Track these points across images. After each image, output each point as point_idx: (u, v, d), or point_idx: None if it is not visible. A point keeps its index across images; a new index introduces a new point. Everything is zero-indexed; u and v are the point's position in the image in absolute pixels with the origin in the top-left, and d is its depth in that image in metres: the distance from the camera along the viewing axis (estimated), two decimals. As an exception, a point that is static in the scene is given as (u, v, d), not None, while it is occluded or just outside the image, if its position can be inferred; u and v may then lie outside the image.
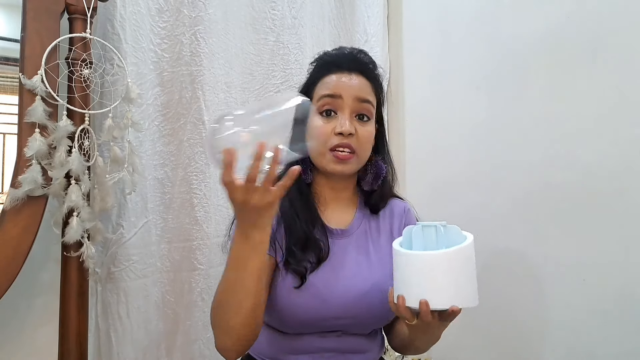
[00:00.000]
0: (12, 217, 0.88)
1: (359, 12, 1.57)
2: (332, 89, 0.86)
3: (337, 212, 0.92)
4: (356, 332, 0.87)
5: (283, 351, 0.86)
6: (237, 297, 0.72)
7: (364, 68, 0.89)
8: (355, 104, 0.86)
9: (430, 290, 0.69)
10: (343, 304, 0.83)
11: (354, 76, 0.87)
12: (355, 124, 0.86)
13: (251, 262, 0.70)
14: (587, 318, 1.04)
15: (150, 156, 1.14)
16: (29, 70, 0.89)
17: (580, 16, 1.08)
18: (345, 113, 0.85)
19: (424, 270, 0.70)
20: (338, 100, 0.85)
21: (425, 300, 0.68)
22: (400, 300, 0.70)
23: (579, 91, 1.07)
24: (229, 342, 0.75)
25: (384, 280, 0.87)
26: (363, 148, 0.87)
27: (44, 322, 1.03)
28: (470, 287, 0.72)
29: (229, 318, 0.73)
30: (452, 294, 0.70)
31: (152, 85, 1.14)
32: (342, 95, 0.85)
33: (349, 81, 0.87)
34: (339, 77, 0.87)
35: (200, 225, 1.19)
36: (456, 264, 0.71)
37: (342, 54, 0.92)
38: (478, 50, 1.33)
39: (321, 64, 0.92)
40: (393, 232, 0.95)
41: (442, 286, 0.70)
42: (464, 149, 1.36)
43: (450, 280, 0.70)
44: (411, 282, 0.71)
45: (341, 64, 0.89)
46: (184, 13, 1.18)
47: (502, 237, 1.22)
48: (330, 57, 0.92)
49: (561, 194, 1.10)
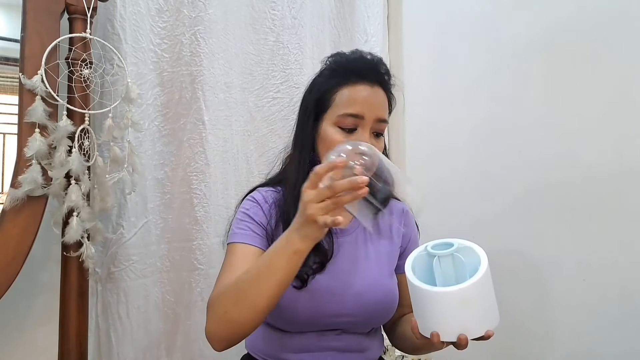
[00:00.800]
0: (12, 217, 0.88)
1: (359, 12, 1.57)
2: (356, 108, 0.83)
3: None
4: (356, 330, 0.87)
5: (283, 350, 0.86)
6: (254, 293, 0.71)
7: (383, 80, 0.88)
8: (374, 124, 0.85)
9: (467, 323, 0.68)
10: (342, 302, 0.83)
11: (376, 89, 0.86)
12: (373, 141, 0.85)
13: (281, 266, 0.70)
14: (587, 318, 1.04)
15: (150, 156, 1.14)
16: (29, 70, 0.89)
17: (580, 16, 1.08)
18: (366, 131, 0.84)
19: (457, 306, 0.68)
20: (360, 120, 0.84)
21: (465, 335, 0.68)
22: (435, 338, 0.69)
23: (579, 91, 1.07)
24: (224, 332, 0.74)
25: (382, 279, 0.88)
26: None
27: (44, 322, 1.03)
28: (495, 306, 0.72)
29: (236, 311, 0.72)
30: (487, 320, 0.70)
31: (152, 85, 1.14)
32: (365, 116, 0.83)
33: (372, 99, 0.85)
34: (362, 90, 0.85)
35: (200, 225, 1.19)
36: (484, 290, 0.70)
37: (364, 60, 0.88)
38: (478, 50, 1.33)
39: (342, 71, 0.87)
40: (392, 232, 0.95)
41: (478, 316, 0.69)
42: (463, 149, 1.36)
43: (484, 307, 0.70)
44: (445, 319, 0.69)
45: (364, 74, 0.86)
46: (184, 13, 1.18)
47: (502, 237, 1.22)
48: (350, 62, 0.88)
49: (561, 193, 1.10)
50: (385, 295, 0.87)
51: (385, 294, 0.87)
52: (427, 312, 0.71)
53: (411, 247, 0.97)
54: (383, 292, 0.87)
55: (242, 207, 0.89)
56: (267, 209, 0.88)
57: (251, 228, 0.85)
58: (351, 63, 0.88)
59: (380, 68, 0.88)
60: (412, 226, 1.00)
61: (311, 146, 0.88)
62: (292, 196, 0.84)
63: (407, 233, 0.97)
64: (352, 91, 0.84)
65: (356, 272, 0.86)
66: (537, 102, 1.16)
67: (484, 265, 0.70)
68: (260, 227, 0.86)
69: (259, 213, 0.87)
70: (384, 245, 0.93)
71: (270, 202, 0.89)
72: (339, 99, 0.85)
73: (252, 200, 0.89)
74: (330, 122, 0.85)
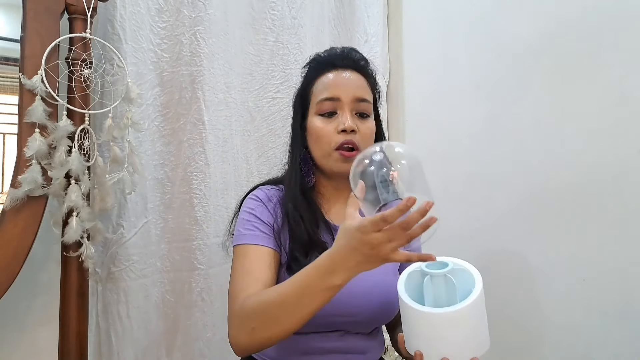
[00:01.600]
0: (12, 217, 0.88)
1: (359, 12, 1.57)
2: (330, 91, 0.87)
3: (342, 210, 0.93)
4: (358, 331, 0.87)
5: (285, 351, 0.86)
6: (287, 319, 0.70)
7: (357, 64, 0.91)
8: (353, 104, 0.87)
9: (452, 348, 0.68)
10: (346, 301, 0.82)
11: (349, 73, 0.88)
12: (357, 121, 0.86)
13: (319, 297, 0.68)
14: (586, 318, 1.04)
15: (150, 156, 1.14)
16: (29, 70, 0.89)
17: (580, 16, 1.08)
18: (346, 112, 0.86)
19: (443, 329, 0.68)
20: (337, 102, 0.86)
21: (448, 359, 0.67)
22: (418, 358, 0.69)
23: (579, 91, 1.07)
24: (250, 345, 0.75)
25: (386, 277, 0.88)
26: (366, 144, 0.87)
27: (44, 322, 1.03)
28: (485, 332, 0.71)
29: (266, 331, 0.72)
30: (472, 346, 0.69)
31: (151, 86, 1.14)
32: (341, 97, 0.86)
33: (345, 80, 0.87)
34: (335, 76, 0.88)
35: (200, 225, 1.19)
36: (474, 315, 0.69)
37: (334, 53, 0.92)
38: (478, 50, 1.33)
39: (315, 65, 0.93)
40: None
41: (464, 342, 0.68)
42: (463, 149, 1.36)
43: (470, 334, 0.69)
44: (430, 340, 0.68)
45: (335, 63, 0.90)
46: (184, 13, 1.18)
47: (502, 237, 1.22)
48: (323, 57, 0.93)
49: (561, 193, 1.10)
50: (389, 294, 0.87)
51: (390, 292, 0.87)
52: (414, 331, 0.70)
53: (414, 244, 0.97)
54: (387, 290, 0.87)
55: (247, 207, 0.89)
56: (272, 207, 0.88)
57: (259, 228, 0.84)
58: (325, 57, 0.93)
59: (352, 55, 0.92)
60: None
61: (302, 144, 0.91)
62: (287, 195, 0.88)
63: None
64: (326, 78, 0.89)
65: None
66: (537, 102, 1.16)
67: (477, 292, 0.68)
68: (268, 226, 0.85)
69: (265, 212, 0.87)
70: None
71: (274, 201, 0.89)
72: (316, 89, 0.89)
73: (256, 200, 0.89)
74: (312, 114, 0.89)
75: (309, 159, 0.91)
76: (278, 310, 0.71)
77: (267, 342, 0.73)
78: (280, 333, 0.71)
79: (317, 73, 0.91)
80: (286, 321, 0.70)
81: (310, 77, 0.92)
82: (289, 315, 0.70)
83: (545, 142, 1.13)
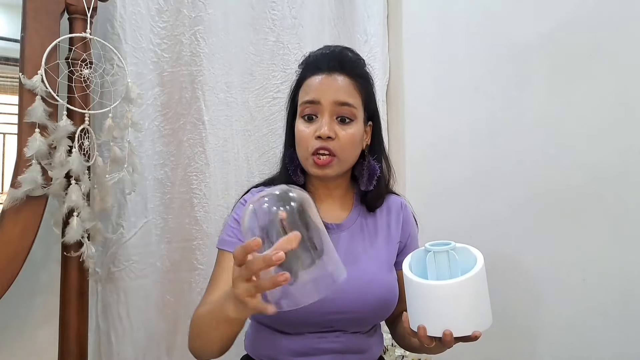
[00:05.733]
0: (12, 217, 0.88)
1: (359, 12, 1.57)
2: (311, 94, 0.87)
3: (332, 208, 0.93)
4: (356, 329, 0.87)
5: (282, 352, 0.85)
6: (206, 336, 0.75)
7: (345, 66, 0.89)
8: (334, 107, 0.86)
9: (454, 319, 0.68)
10: (342, 297, 0.82)
11: (334, 76, 0.87)
12: (336, 127, 0.85)
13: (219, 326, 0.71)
14: (587, 318, 1.04)
15: (150, 156, 1.14)
16: (29, 70, 0.89)
17: (580, 16, 1.08)
18: (325, 116, 0.85)
19: (445, 300, 0.69)
20: (317, 105, 0.86)
21: (450, 331, 0.68)
22: (422, 331, 0.70)
23: (579, 91, 1.07)
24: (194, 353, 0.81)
25: (380, 274, 0.88)
26: (344, 150, 0.86)
27: (44, 322, 1.03)
28: (487, 309, 0.72)
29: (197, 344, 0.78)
30: (474, 320, 0.69)
31: (152, 86, 1.14)
32: (321, 100, 0.85)
33: (327, 84, 0.86)
34: (319, 79, 0.87)
35: (200, 225, 1.19)
36: (476, 289, 0.70)
37: (323, 54, 0.91)
38: (478, 50, 1.33)
39: (304, 67, 0.93)
40: (390, 228, 0.95)
41: (465, 314, 0.69)
42: (463, 149, 1.36)
43: (472, 306, 0.70)
44: (432, 312, 0.70)
45: (321, 65, 0.89)
46: (184, 13, 1.18)
47: (502, 237, 1.22)
48: (311, 58, 0.92)
49: (561, 193, 1.10)
50: (383, 291, 0.87)
51: (384, 289, 0.87)
52: (417, 305, 0.72)
53: (411, 242, 0.97)
54: (381, 287, 0.87)
55: (235, 212, 0.90)
56: None
57: (238, 237, 0.85)
58: (313, 58, 0.92)
59: (338, 56, 0.90)
60: (412, 222, 0.99)
61: (290, 143, 0.93)
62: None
63: (407, 229, 0.97)
64: (310, 80, 0.89)
65: (354, 268, 0.86)
66: (536, 102, 1.16)
67: (479, 265, 0.70)
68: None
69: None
70: (382, 241, 0.93)
71: None
72: (302, 91, 0.90)
73: (244, 205, 0.89)
74: (298, 115, 0.90)
75: (296, 158, 0.91)
76: (198, 327, 0.77)
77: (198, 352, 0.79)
78: (202, 347, 0.77)
79: (304, 74, 0.91)
80: (204, 338, 0.75)
81: (300, 77, 0.92)
82: (205, 334, 0.74)
83: (545, 142, 1.13)
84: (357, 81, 0.89)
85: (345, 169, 0.90)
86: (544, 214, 1.13)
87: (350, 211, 0.94)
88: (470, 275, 0.69)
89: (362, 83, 0.90)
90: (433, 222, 1.18)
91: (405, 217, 0.98)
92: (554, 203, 1.11)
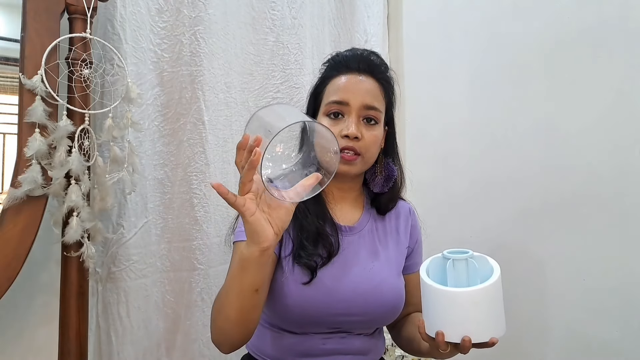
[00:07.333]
0: (12, 217, 0.88)
1: (359, 12, 1.57)
2: (340, 94, 0.86)
3: (345, 210, 0.93)
4: (361, 331, 0.87)
5: (286, 352, 0.86)
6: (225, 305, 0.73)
7: (373, 69, 0.89)
8: (362, 110, 0.86)
9: (473, 326, 0.69)
10: (352, 299, 0.82)
11: (363, 77, 0.88)
12: (362, 128, 0.86)
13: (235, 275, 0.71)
14: (587, 318, 1.04)
15: (150, 156, 1.14)
16: (29, 70, 0.89)
17: (580, 16, 1.08)
18: (352, 117, 0.86)
19: (466, 307, 0.70)
20: (345, 106, 0.86)
21: (469, 337, 0.68)
22: (440, 337, 0.70)
23: (579, 91, 1.07)
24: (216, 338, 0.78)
25: (390, 278, 0.88)
26: (369, 151, 0.87)
27: (44, 322, 1.03)
28: (503, 316, 0.73)
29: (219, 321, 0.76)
30: (492, 327, 0.70)
31: (152, 85, 1.14)
32: (350, 101, 0.86)
33: (357, 84, 0.87)
34: (348, 78, 0.87)
35: (200, 225, 1.19)
36: (495, 296, 0.71)
37: (353, 54, 0.91)
38: (478, 51, 1.33)
39: (332, 65, 0.92)
40: (399, 233, 0.95)
41: (484, 320, 0.70)
42: (464, 149, 1.36)
43: (490, 313, 0.71)
44: (452, 318, 0.70)
45: (351, 65, 0.89)
46: (184, 13, 1.18)
47: (502, 238, 1.22)
48: (341, 57, 0.92)
49: (561, 193, 1.10)
50: (393, 295, 0.87)
51: (393, 293, 0.87)
52: (435, 311, 0.72)
53: (417, 248, 0.98)
54: (391, 291, 0.87)
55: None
56: None
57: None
58: (343, 58, 0.92)
59: (370, 58, 0.91)
60: (419, 228, 1.00)
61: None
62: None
63: (414, 235, 0.98)
64: (339, 80, 0.88)
65: (364, 271, 0.86)
66: (537, 102, 1.16)
67: (497, 273, 0.72)
68: None
69: None
70: (392, 245, 0.93)
71: None
72: (328, 90, 0.89)
73: None
74: (321, 113, 0.89)
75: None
76: (218, 300, 0.76)
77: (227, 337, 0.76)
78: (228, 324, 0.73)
79: (332, 73, 0.91)
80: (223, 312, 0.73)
81: (326, 75, 0.92)
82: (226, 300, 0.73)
83: (546, 142, 1.13)
84: (383, 85, 0.90)
85: (365, 168, 0.91)
86: (543, 214, 1.13)
87: (361, 214, 0.94)
88: (490, 282, 0.70)
89: (388, 88, 0.92)
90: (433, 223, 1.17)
91: (413, 222, 0.99)
92: (554, 203, 1.11)
